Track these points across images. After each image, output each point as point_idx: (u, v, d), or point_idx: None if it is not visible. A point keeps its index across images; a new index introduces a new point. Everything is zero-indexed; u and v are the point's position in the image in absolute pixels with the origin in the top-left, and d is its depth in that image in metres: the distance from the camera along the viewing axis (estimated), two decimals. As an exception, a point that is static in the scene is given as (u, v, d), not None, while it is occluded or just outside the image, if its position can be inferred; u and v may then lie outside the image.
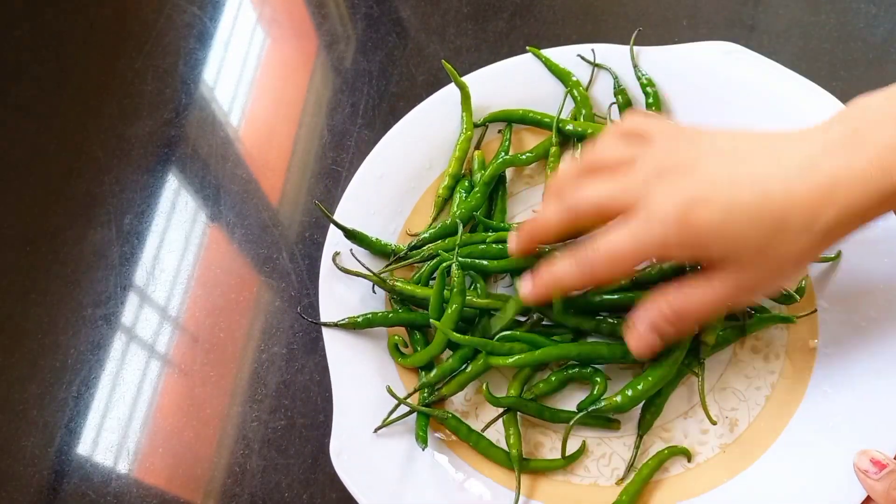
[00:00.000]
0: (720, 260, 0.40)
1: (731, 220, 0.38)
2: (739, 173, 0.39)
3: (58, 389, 0.60)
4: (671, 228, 0.39)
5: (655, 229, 0.40)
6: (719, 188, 0.39)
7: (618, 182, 0.42)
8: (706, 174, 0.40)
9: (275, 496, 0.54)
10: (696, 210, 0.39)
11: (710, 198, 0.39)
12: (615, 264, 0.42)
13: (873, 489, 0.42)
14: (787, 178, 0.38)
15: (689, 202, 0.39)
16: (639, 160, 0.42)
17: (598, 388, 0.49)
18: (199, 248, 0.64)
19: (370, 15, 0.74)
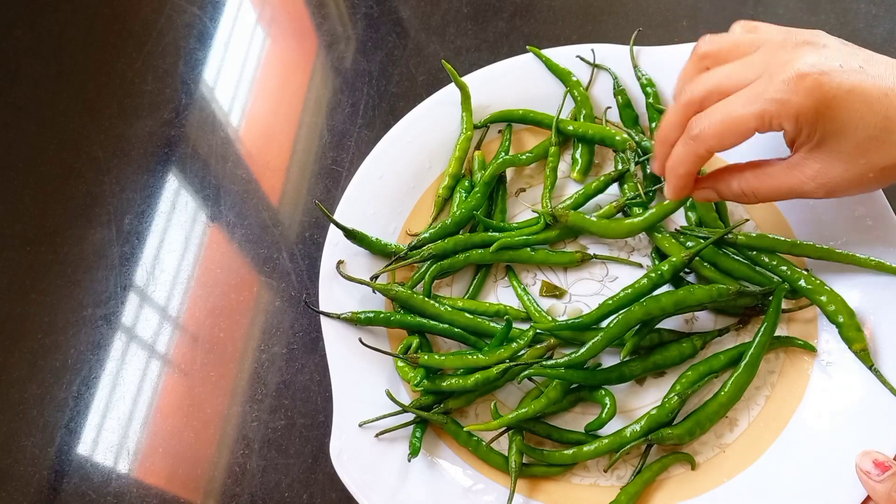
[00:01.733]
0: (818, 143, 0.41)
1: (852, 99, 0.39)
2: (865, 67, 0.40)
3: (58, 389, 0.60)
4: (796, 90, 0.39)
5: (779, 88, 0.40)
6: (847, 70, 0.39)
7: (738, 62, 0.42)
8: (836, 56, 0.40)
9: (275, 496, 0.54)
10: (826, 78, 0.39)
11: (838, 74, 0.39)
12: (727, 128, 0.41)
13: (875, 490, 0.42)
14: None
15: (818, 69, 0.39)
16: (759, 43, 0.43)
17: (607, 412, 0.49)
18: (199, 248, 0.64)
19: (370, 15, 0.74)
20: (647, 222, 0.53)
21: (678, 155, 0.45)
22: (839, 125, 0.40)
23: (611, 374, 0.51)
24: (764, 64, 0.41)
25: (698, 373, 0.51)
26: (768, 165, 0.44)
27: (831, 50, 0.41)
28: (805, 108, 0.40)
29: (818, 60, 0.40)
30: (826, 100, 0.39)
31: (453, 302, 0.55)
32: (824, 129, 0.40)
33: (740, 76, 0.42)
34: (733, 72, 0.42)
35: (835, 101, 0.39)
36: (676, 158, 0.45)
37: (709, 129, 0.42)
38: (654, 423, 0.48)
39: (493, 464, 0.50)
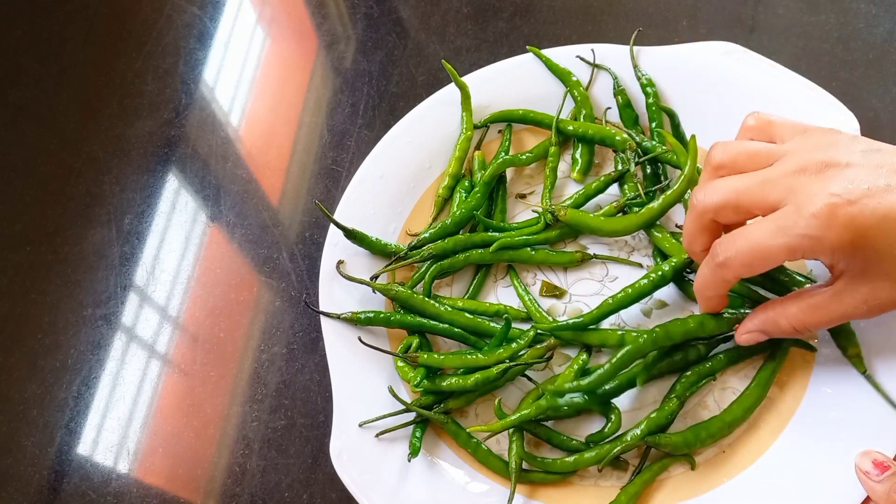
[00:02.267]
0: (861, 269, 0.40)
1: (887, 224, 0.38)
2: (892, 183, 0.38)
3: (58, 389, 0.60)
4: (828, 226, 0.38)
5: (809, 224, 0.38)
6: (876, 192, 0.38)
7: (755, 175, 0.41)
8: (861, 176, 0.38)
9: (275, 496, 0.54)
10: (856, 209, 0.37)
11: (868, 201, 0.37)
12: (755, 258, 0.40)
13: (874, 491, 0.42)
14: None
15: (846, 202, 0.38)
16: (778, 155, 0.41)
17: (610, 426, 0.49)
18: (199, 248, 0.64)
19: (370, 15, 0.74)
20: (644, 219, 0.53)
21: (705, 278, 0.44)
22: (877, 252, 0.39)
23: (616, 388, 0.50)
24: (786, 189, 0.39)
25: (698, 373, 0.51)
26: (813, 297, 0.43)
27: (855, 170, 0.39)
28: (840, 243, 0.38)
29: (845, 188, 0.38)
30: (861, 231, 0.38)
31: (453, 302, 0.55)
32: (864, 259, 0.39)
33: (759, 195, 0.40)
34: (751, 187, 0.41)
35: (870, 231, 0.38)
36: (703, 282, 0.44)
37: (735, 259, 0.41)
38: (654, 427, 0.48)
39: (493, 467, 0.50)
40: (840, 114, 0.54)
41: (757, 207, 0.41)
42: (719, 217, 0.43)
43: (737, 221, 0.43)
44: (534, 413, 0.49)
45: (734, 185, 0.41)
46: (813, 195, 0.38)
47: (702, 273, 0.44)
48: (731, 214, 0.42)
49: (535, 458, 0.49)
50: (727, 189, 0.42)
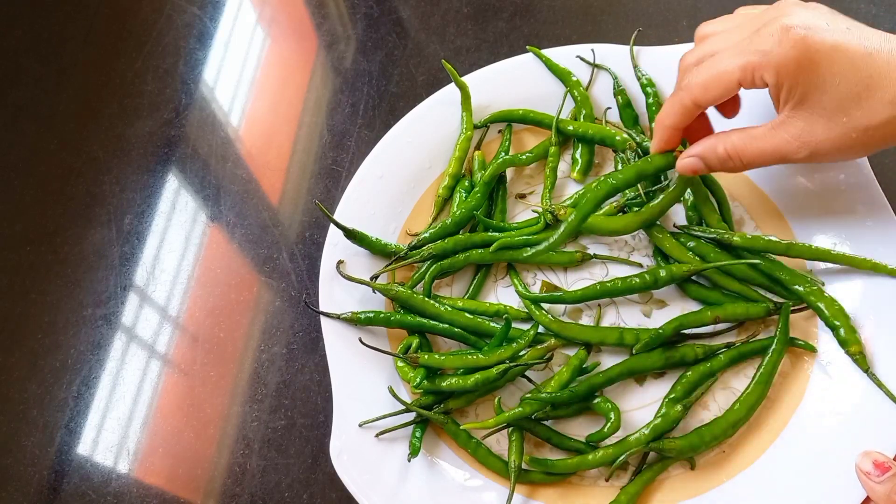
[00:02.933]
0: (799, 100, 0.42)
1: (835, 55, 0.40)
2: (853, 30, 0.41)
3: (58, 389, 0.60)
4: (780, 42, 0.40)
5: (764, 40, 0.41)
6: (833, 29, 0.40)
7: (731, 28, 0.45)
8: (823, 16, 0.41)
9: (275, 496, 0.54)
10: (810, 32, 0.40)
11: (823, 31, 0.40)
12: (713, 79, 0.43)
13: (874, 491, 0.42)
14: (892, 51, 0.40)
15: (804, 24, 0.40)
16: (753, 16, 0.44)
17: (610, 426, 0.49)
18: (199, 248, 0.64)
19: (370, 15, 0.74)
20: (643, 218, 0.53)
21: (665, 106, 0.47)
22: (820, 80, 0.41)
23: (609, 377, 0.51)
24: (753, 26, 0.43)
25: (699, 373, 0.51)
26: (754, 128, 0.45)
27: (821, 11, 0.42)
28: (787, 60, 0.41)
29: (805, 17, 0.41)
30: (809, 53, 0.40)
31: (453, 302, 0.55)
32: (806, 83, 0.41)
33: (731, 38, 0.44)
34: (725, 37, 0.44)
35: (817, 55, 0.40)
36: (664, 110, 0.47)
37: (695, 79, 0.44)
38: (659, 434, 0.48)
39: (492, 467, 0.50)
40: (840, 114, 0.54)
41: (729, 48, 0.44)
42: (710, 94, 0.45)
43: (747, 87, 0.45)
44: (528, 411, 0.49)
45: (712, 40, 0.45)
46: (773, 19, 0.42)
47: (665, 103, 0.47)
48: (737, 83, 0.44)
49: (538, 461, 0.49)
50: (705, 45, 0.45)
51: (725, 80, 0.43)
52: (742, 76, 0.42)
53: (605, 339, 0.51)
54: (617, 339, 0.51)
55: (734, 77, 0.42)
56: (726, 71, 0.42)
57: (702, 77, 0.43)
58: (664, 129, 0.48)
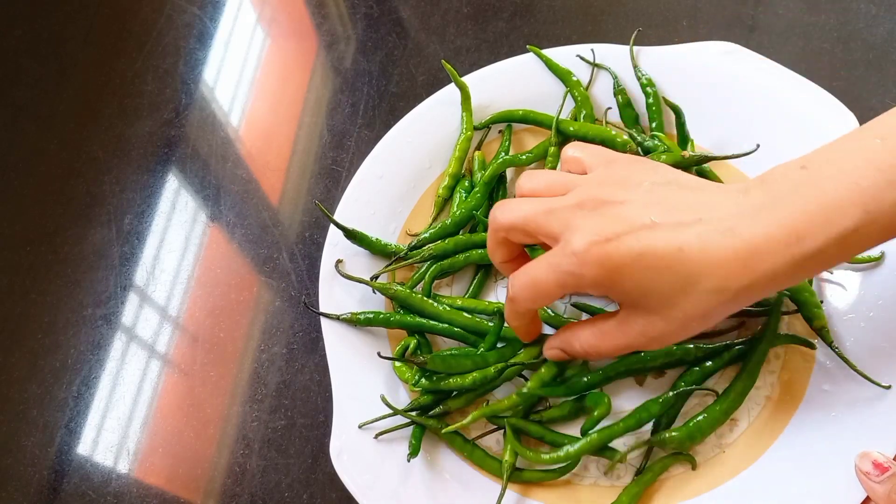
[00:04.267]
0: (631, 303, 0.41)
1: (641, 265, 0.38)
2: (660, 222, 0.39)
3: (58, 389, 0.60)
4: (584, 263, 0.39)
5: (570, 261, 0.40)
6: (637, 231, 0.39)
7: (544, 203, 0.42)
8: (629, 214, 0.40)
9: (275, 496, 0.54)
10: (611, 247, 0.39)
11: (625, 239, 0.39)
12: (535, 293, 0.42)
13: (874, 491, 0.42)
14: (704, 238, 0.38)
15: (604, 239, 0.39)
16: (572, 186, 0.43)
17: (599, 410, 0.48)
18: (199, 248, 0.64)
19: (370, 15, 0.74)
20: None
21: (506, 313, 0.47)
22: (638, 288, 0.39)
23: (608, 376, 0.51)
24: (564, 223, 0.41)
25: (700, 373, 0.51)
26: (603, 323, 0.44)
27: (627, 207, 0.40)
28: (598, 279, 0.39)
29: (606, 226, 0.39)
30: (614, 269, 0.39)
31: (452, 301, 0.55)
32: (626, 294, 0.40)
33: (543, 224, 0.42)
34: (537, 215, 0.42)
35: (624, 268, 0.39)
36: (507, 315, 0.47)
37: (520, 294, 0.43)
38: (647, 416, 0.48)
39: (489, 468, 0.50)
40: (840, 114, 0.54)
41: (541, 235, 0.42)
42: (511, 236, 0.44)
43: (529, 241, 0.44)
44: (507, 405, 0.49)
45: (524, 210, 0.43)
46: (578, 231, 0.40)
47: (505, 308, 0.47)
48: (520, 236, 0.44)
49: (527, 451, 0.49)
50: (518, 212, 0.43)
51: (547, 293, 0.42)
52: (562, 292, 0.42)
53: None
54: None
55: (555, 292, 0.41)
56: (545, 287, 0.41)
57: (525, 291, 0.42)
58: (517, 329, 0.48)
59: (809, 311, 0.50)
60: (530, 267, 0.42)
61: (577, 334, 0.45)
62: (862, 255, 0.51)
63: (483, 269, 0.57)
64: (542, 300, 0.43)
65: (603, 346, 0.44)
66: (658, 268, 0.38)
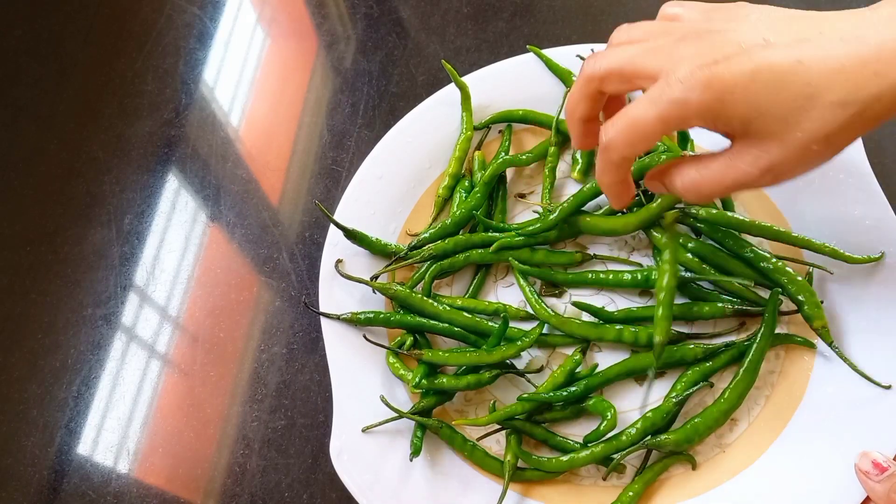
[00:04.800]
0: (743, 130, 0.37)
1: (757, 81, 0.35)
2: (773, 38, 0.36)
3: (58, 389, 0.60)
4: (692, 87, 0.36)
5: (675, 89, 0.36)
6: (749, 49, 0.35)
7: (643, 45, 0.39)
8: (739, 36, 0.36)
9: (275, 496, 0.54)
10: (720, 68, 0.35)
11: (736, 59, 0.35)
12: (634, 134, 0.38)
13: (874, 491, 0.42)
14: (825, 46, 0.35)
15: (713, 60, 0.35)
16: (668, 29, 0.39)
17: (606, 424, 0.48)
18: (199, 248, 0.64)
19: (370, 15, 0.74)
20: (642, 218, 0.53)
21: (598, 166, 0.42)
22: (753, 109, 0.36)
23: (608, 377, 0.51)
24: (666, 55, 0.37)
25: (700, 373, 0.51)
26: (710, 160, 0.40)
27: (735, 32, 0.37)
28: (706, 104, 0.36)
29: (714, 48, 0.36)
30: (726, 90, 0.35)
31: (452, 301, 0.55)
32: (739, 116, 0.37)
33: (641, 62, 0.38)
34: (635, 55, 0.39)
35: (736, 88, 0.35)
36: (599, 170, 0.42)
37: (617, 138, 0.39)
38: (650, 426, 0.48)
39: (490, 468, 0.50)
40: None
41: (639, 76, 0.38)
42: (605, 86, 0.40)
43: (624, 90, 0.41)
44: (519, 409, 0.49)
45: (622, 54, 0.39)
46: (682, 59, 0.36)
47: (597, 162, 0.42)
48: (616, 83, 0.40)
49: (530, 457, 0.49)
50: (615, 57, 0.39)
51: (647, 134, 0.38)
52: (664, 128, 0.38)
53: (603, 336, 0.52)
54: (615, 336, 0.51)
55: (656, 129, 0.38)
56: (645, 124, 0.38)
57: (622, 134, 0.39)
58: (609, 187, 0.43)
59: (809, 311, 0.50)
60: (628, 108, 0.38)
61: (682, 170, 0.41)
62: (862, 255, 0.51)
63: (483, 269, 0.57)
64: (642, 143, 0.39)
65: (706, 183, 0.40)
66: (775, 84, 0.35)
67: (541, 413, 0.51)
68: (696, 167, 0.40)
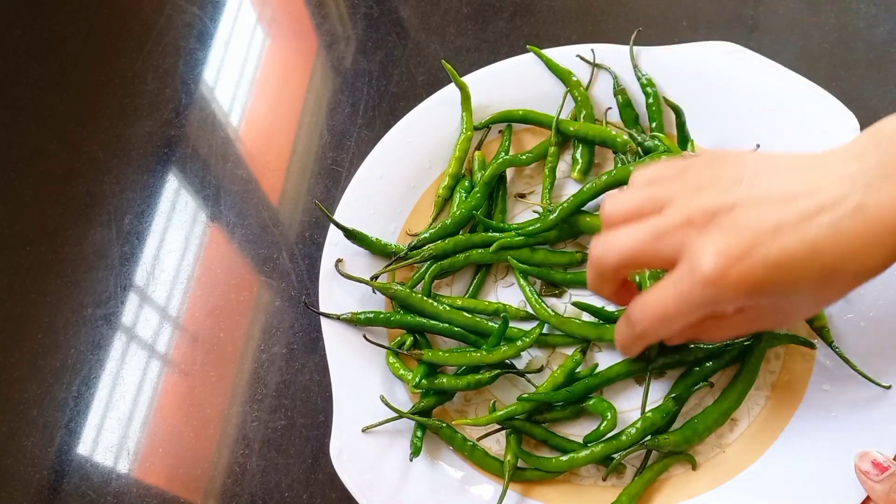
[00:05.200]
0: (774, 304, 0.40)
1: (780, 273, 0.36)
2: (783, 219, 0.36)
3: (58, 389, 0.60)
4: (722, 288, 0.37)
5: (704, 290, 0.37)
6: (764, 238, 0.36)
7: (647, 227, 0.39)
8: (746, 220, 0.37)
9: (275, 496, 0.54)
10: (744, 268, 0.36)
11: (756, 252, 0.36)
12: (666, 324, 0.40)
13: (874, 490, 0.42)
14: (834, 226, 0.36)
15: (735, 259, 0.36)
16: (665, 200, 0.40)
17: (606, 424, 0.48)
18: (199, 248, 0.64)
19: (370, 15, 0.74)
20: None
21: (625, 341, 0.44)
22: (780, 294, 0.38)
23: (608, 377, 0.51)
24: (678, 245, 0.38)
25: (700, 373, 0.51)
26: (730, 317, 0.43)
27: (740, 212, 0.37)
28: (738, 299, 0.37)
29: (730, 242, 0.36)
30: (756, 285, 0.37)
31: (452, 301, 0.55)
32: (767, 300, 0.39)
33: (653, 252, 0.39)
34: (645, 244, 0.39)
35: (764, 282, 0.37)
36: (626, 345, 0.44)
37: (651, 328, 0.41)
38: (650, 426, 0.48)
39: (490, 468, 0.50)
40: (840, 114, 0.54)
41: (655, 264, 0.40)
42: (619, 274, 0.42)
43: (645, 268, 0.44)
44: (519, 410, 0.49)
45: (628, 242, 0.40)
46: (702, 255, 0.37)
47: (621, 334, 0.44)
48: (631, 269, 0.43)
49: (530, 456, 0.49)
50: (622, 246, 0.40)
51: (682, 322, 0.39)
52: (697, 316, 0.39)
53: (603, 336, 0.52)
54: (614, 336, 0.51)
55: (691, 319, 0.39)
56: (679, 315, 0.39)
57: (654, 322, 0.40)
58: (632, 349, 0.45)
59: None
60: (655, 295, 0.40)
61: (705, 328, 0.43)
62: None
63: (483, 268, 0.57)
64: (674, 327, 0.40)
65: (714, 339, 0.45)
66: (797, 270, 0.36)
67: (541, 413, 0.51)
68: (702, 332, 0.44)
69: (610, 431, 0.48)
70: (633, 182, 0.43)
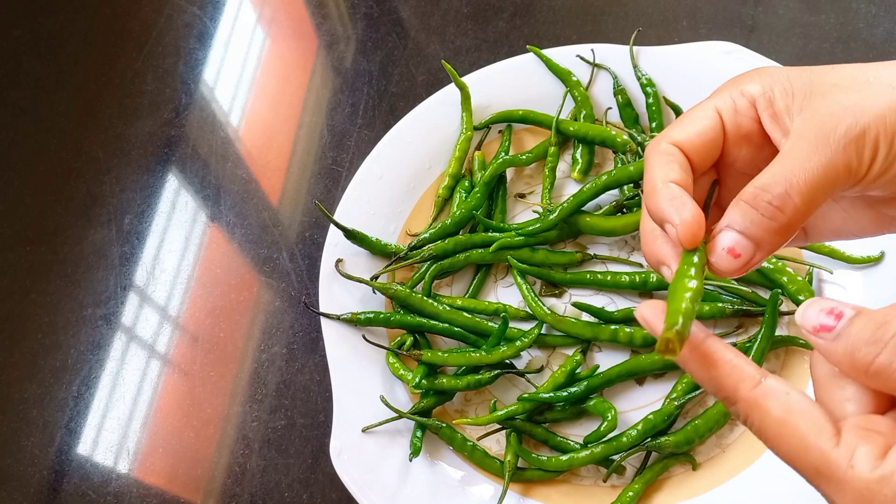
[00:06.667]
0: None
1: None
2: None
3: (58, 389, 0.60)
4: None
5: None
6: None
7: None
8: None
9: (275, 496, 0.54)
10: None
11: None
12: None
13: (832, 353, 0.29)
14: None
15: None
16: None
17: (606, 425, 0.48)
18: (199, 248, 0.64)
19: (370, 15, 0.74)
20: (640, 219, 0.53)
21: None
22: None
23: (609, 378, 0.51)
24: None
25: None
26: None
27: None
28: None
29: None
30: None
31: (452, 301, 0.55)
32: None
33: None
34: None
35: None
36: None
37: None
38: (651, 428, 0.48)
39: (489, 468, 0.50)
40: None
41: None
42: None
43: None
44: (520, 410, 0.49)
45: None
46: None
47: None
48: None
49: (530, 455, 0.49)
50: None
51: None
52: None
53: (599, 336, 0.52)
54: (611, 336, 0.51)
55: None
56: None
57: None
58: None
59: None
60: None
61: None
62: (862, 255, 0.51)
63: (483, 268, 0.57)
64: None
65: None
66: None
67: (541, 413, 0.51)
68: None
69: (611, 432, 0.48)
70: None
